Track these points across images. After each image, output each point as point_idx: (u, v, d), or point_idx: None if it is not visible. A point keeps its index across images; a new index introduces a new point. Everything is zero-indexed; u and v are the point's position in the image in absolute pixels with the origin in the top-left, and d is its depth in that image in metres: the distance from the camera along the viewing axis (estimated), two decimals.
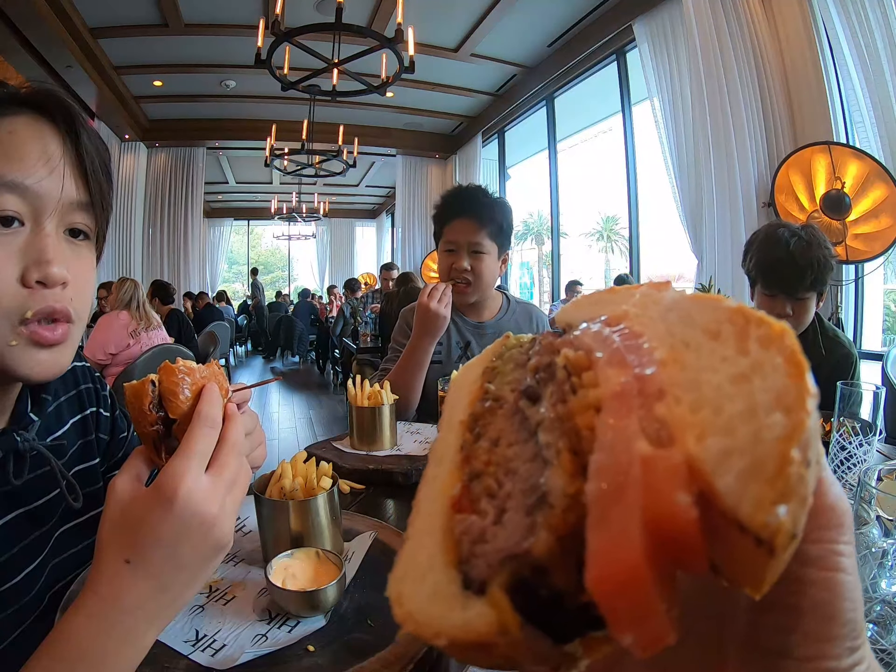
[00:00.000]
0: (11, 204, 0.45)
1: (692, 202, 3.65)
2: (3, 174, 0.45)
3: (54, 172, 0.48)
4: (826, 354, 1.34)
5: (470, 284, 1.38)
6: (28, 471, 0.52)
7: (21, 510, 0.52)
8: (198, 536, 0.37)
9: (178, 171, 7.53)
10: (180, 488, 0.37)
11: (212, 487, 0.38)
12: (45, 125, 0.49)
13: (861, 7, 2.65)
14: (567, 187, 6.78)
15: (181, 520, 0.37)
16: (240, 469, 0.41)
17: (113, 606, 0.36)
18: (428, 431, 1.13)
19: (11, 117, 0.47)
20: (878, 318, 3.24)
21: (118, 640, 0.36)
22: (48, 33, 4.31)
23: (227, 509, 0.39)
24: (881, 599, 0.38)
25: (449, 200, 1.43)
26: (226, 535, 0.39)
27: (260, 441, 0.53)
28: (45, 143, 0.48)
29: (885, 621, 0.38)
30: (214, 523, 0.38)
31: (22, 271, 0.46)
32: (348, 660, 0.45)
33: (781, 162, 2.94)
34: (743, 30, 3.20)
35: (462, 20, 4.81)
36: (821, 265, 1.26)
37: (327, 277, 13.25)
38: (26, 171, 0.46)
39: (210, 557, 0.39)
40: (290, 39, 2.77)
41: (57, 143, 0.49)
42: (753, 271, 1.38)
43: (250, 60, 2.98)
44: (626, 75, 4.72)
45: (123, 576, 0.37)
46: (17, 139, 0.46)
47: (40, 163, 0.47)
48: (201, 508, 0.37)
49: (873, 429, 0.78)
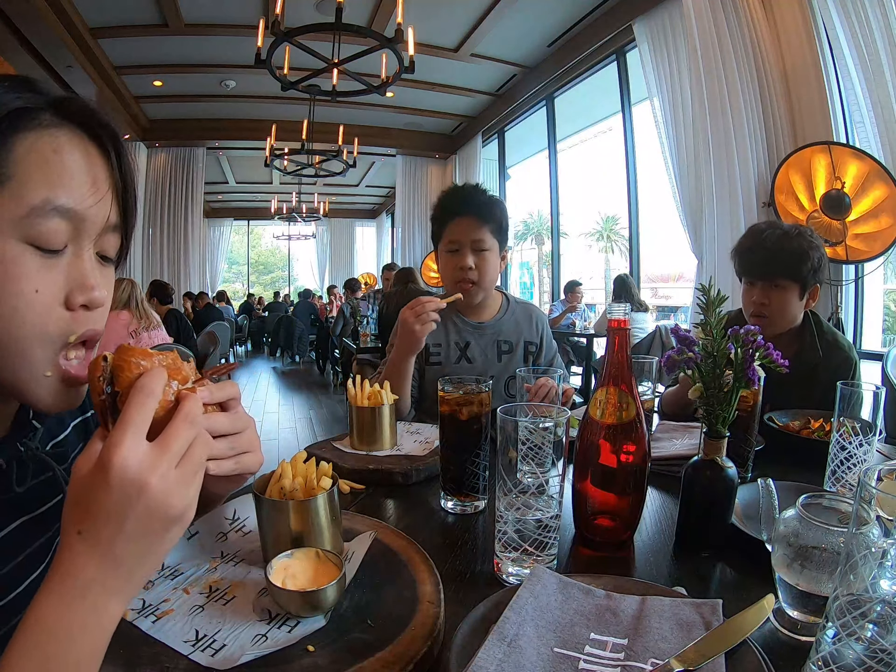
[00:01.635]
0: (62, 229, 0.45)
1: (692, 202, 3.65)
2: (55, 198, 0.44)
3: (101, 198, 0.47)
4: (824, 357, 1.34)
5: (475, 283, 1.38)
6: (31, 477, 0.52)
7: (25, 517, 0.51)
8: (140, 506, 0.37)
9: (178, 171, 7.53)
10: (114, 456, 0.37)
11: (151, 456, 0.38)
12: (89, 145, 0.48)
13: (861, 7, 2.64)
14: (567, 187, 6.79)
15: (119, 489, 0.37)
16: (194, 443, 0.41)
17: (73, 580, 0.37)
18: (428, 431, 1.13)
19: (54, 131, 0.45)
20: (878, 318, 3.24)
21: (82, 614, 0.37)
22: (48, 33, 4.30)
23: (171, 480, 0.39)
24: (881, 599, 0.38)
25: (448, 200, 1.42)
26: (173, 506, 0.39)
27: (250, 448, 0.51)
28: (91, 166, 0.47)
29: (885, 621, 0.38)
30: (155, 493, 0.38)
31: (66, 295, 0.46)
32: (348, 660, 0.45)
33: (781, 162, 2.94)
34: (743, 30, 3.20)
35: (462, 20, 4.81)
36: (797, 255, 1.28)
37: (327, 277, 13.25)
38: (75, 195, 0.45)
39: (159, 530, 0.39)
40: (290, 39, 2.76)
41: (102, 166, 0.48)
42: (734, 263, 1.43)
43: (250, 60, 2.98)
44: (626, 75, 4.72)
45: (77, 549, 0.37)
46: (65, 159, 0.45)
47: (87, 187, 0.46)
48: (139, 477, 0.37)
49: (873, 429, 0.78)
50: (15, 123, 0.43)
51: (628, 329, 0.70)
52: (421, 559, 0.59)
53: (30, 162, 0.44)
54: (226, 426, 0.48)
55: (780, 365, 0.70)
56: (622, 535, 0.72)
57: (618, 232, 20.72)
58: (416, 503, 0.87)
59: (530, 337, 1.51)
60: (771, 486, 0.63)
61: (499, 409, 0.62)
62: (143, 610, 0.51)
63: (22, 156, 0.44)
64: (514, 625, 0.48)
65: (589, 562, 0.70)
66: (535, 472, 0.59)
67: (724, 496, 0.68)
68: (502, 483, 0.60)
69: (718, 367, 0.68)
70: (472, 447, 0.81)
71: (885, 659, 0.37)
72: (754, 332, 0.69)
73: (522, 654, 0.45)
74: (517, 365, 1.46)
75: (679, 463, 0.85)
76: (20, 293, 0.43)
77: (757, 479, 0.66)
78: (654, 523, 0.79)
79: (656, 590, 0.55)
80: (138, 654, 0.45)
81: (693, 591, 0.57)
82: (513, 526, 0.60)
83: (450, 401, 0.81)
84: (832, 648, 0.40)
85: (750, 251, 1.36)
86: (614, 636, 0.49)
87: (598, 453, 0.70)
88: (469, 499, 0.82)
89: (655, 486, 0.90)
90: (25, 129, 0.44)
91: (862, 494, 0.38)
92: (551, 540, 0.61)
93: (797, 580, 0.51)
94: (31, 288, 0.44)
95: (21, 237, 0.43)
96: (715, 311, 0.69)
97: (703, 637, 0.47)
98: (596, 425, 0.70)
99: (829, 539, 0.49)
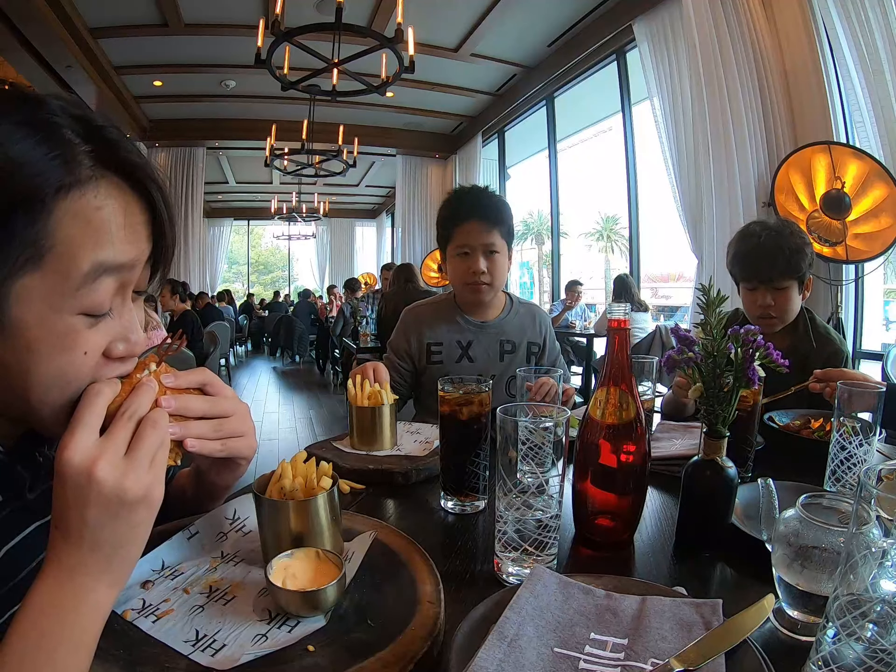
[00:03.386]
0: (111, 289, 0.44)
1: (692, 202, 3.64)
2: (104, 259, 0.42)
3: (142, 251, 0.47)
4: (817, 347, 1.37)
5: (488, 285, 1.39)
6: (42, 482, 0.52)
7: (38, 522, 0.52)
8: (93, 494, 0.39)
9: (178, 171, 7.52)
10: (64, 453, 0.40)
11: (97, 448, 0.41)
12: (129, 194, 0.45)
13: (861, 7, 2.64)
14: (567, 187, 6.80)
15: (71, 480, 0.39)
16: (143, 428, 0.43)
17: (59, 566, 0.40)
18: (428, 431, 1.13)
19: (94, 185, 0.42)
20: (878, 318, 3.24)
21: (72, 595, 0.39)
22: (48, 33, 4.30)
23: (121, 466, 0.41)
24: (881, 599, 0.38)
25: (457, 203, 1.42)
26: (128, 489, 0.40)
27: (239, 432, 0.53)
28: (133, 218, 0.45)
29: (885, 621, 0.38)
30: (103, 478, 0.39)
31: (108, 345, 0.46)
32: (348, 660, 0.45)
33: (781, 162, 2.94)
34: (743, 30, 3.20)
35: (462, 20, 4.81)
36: (792, 252, 1.30)
37: (327, 277, 13.25)
38: (119, 249, 0.43)
39: (123, 513, 0.41)
40: (290, 39, 2.77)
41: (141, 215, 0.46)
42: (733, 269, 1.43)
43: (250, 60, 2.98)
44: (626, 75, 4.72)
45: (56, 539, 0.40)
46: (107, 216, 0.42)
47: (130, 239, 0.44)
48: (84, 467, 0.39)
49: (873, 429, 0.78)
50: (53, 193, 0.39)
51: (628, 329, 0.70)
52: (421, 559, 0.59)
53: (72, 224, 0.40)
54: (202, 407, 0.50)
55: (781, 365, 0.70)
56: (622, 535, 0.72)
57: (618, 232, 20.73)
58: (416, 503, 0.87)
59: (533, 337, 1.51)
60: (771, 486, 0.63)
61: (499, 409, 0.62)
62: (143, 610, 0.51)
63: (62, 218, 0.40)
64: (514, 625, 0.48)
65: (589, 562, 0.70)
66: (535, 472, 0.59)
67: (724, 496, 0.68)
68: (502, 483, 0.60)
69: (718, 367, 0.68)
70: (472, 447, 0.81)
71: (885, 659, 0.37)
72: (754, 331, 0.69)
73: (522, 653, 0.45)
74: (519, 365, 1.46)
75: (679, 463, 0.85)
76: (71, 361, 0.43)
77: (757, 479, 0.66)
78: (654, 523, 0.79)
79: (656, 590, 0.55)
80: (138, 654, 0.45)
81: (693, 591, 0.57)
82: (513, 526, 0.60)
83: (450, 401, 0.81)
84: (832, 648, 0.40)
85: (749, 257, 1.36)
86: (614, 636, 0.48)
87: (598, 453, 0.70)
88: (469, 499, 0.82)
89: (655, 486, 0.90)
90: (63, 189, 0.40)
91: (862, 494, 0.38)
92: (551, 540, 0.61)
93: (797, 580, 0.51)
94: (80, 352, 0.44)
95: (75, 310, 0.42)
96: (715, 311, 0.69)
97: (703, 637, 0.47)
98: (596, 425, 0.70)
99: (829, 539, 0.49)
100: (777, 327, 1.37)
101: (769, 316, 1.35)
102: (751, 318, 1.39)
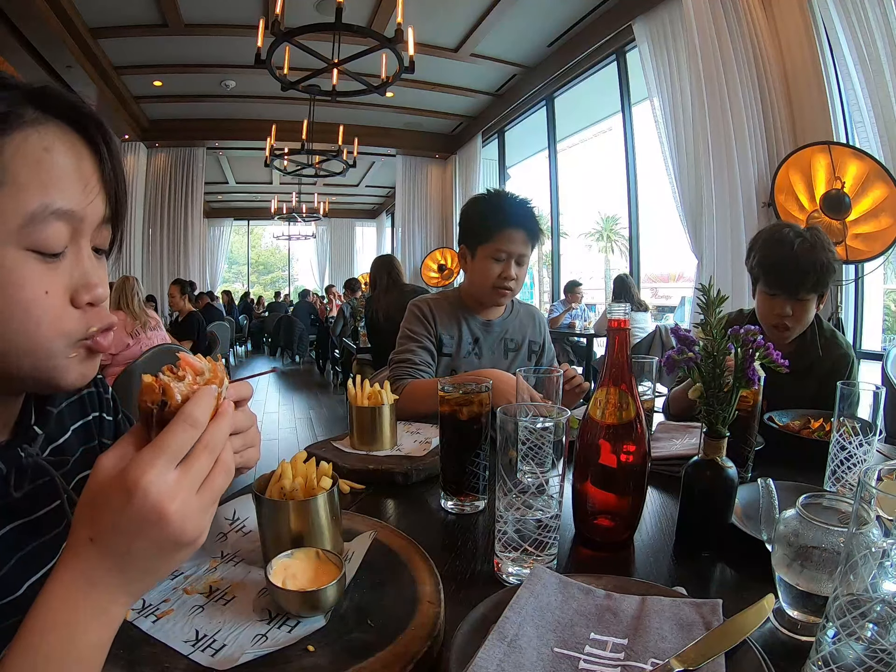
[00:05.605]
0: (62, 233, 0.45)
1: (692, 202, 3.65)
2: (52, 202, 0.43)
3: (94, 196, 0.47)
4: (823, 354, 1.35)
5: (512, 291, 1.43)
6: (28, 482, 0.51)
7: (18, 522, 0.51)
8: (155, 531, 0.37)
9: (178, 171, 7.53)
10: (141, 479, 0.37)
11: (176, 483, 0.38)
12: (77, 141, 0.46)
13: (861, 7, 2.64)
14: (567, 187, 6.80)
15: (139, 512, 0.37)
16: (215, 470, 0.41)
17: (78, 581, 0.37)
18: (428, 431, 1.13)
19: (41, 128, 0.44)
20: (878, 318, 3.24)
21: (86, 613, 0.37)
22: (48, 33, 4.31)
23: (191, 507, 0.39)
24: (881, 599, 0.38)
25: (504, 208, 1.42)
26: (186, 532, 0.38)
27: (253, 442, 0.52)
28: (81, 163, 0.46)
29: (885, 621, 0.38)
30: (172, 520, 0.37)
31: (71, 294, 0.46)
32: (348, 660, 0.45)
33: (781, 162, 2.94)
34: (743, 30, 3.20)
35: (462, 20, 4.81)
36: (824, 268, 1.26)
37: (327, 277, 13.24)
38: (71, 195, 0.45)
39: (169, 552, 0.39)
40: (290, 39, 2.76)
41: (91, 160, 0.47)
42: (756, 269, 1.38)
43: (250, 60, 2.98)
44: (626, 75, 4.72)
45: (86, 553, 0.38)
46: (56, 159, 0.44)
47: (79, 186, 0.46)
48: (160, 504, 0.37)
49: (873, 429, 0.78)
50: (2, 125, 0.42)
51: (628, 329, 0.70)
52: (421, 559, 0.59)
53: (21, 164, 0.42)
54: (245, 424, 0.49)
55: (780, 365, 0.70)
56: (622, 535, 0.72)
57: (618, 232, 20.73)
58: (416, 503, 0.87)
59: (534, 337, 1.55)
60: (771, 486, 0.63)
61: (499, 409, 0.62)
62: (143, 610, 0.51)
63: (11, 158, 0.42)
64: (514, 625, 0.48)
65: (589, 562, 0.70)
66: (535, 472, 0.59)
67: (724, 496, 0.68)
68: (502, 483, 0.60)
69: (718, 367, 0.68)
70: (472, 447, 0.81)
71: (885, 659, 0.37)
72: (754, 331, 0.69)
73: (522, 653, 0.45)
74: (521, 363, 1.50)
75: (679, 463, 0.85)
76: (30, 298, 0.44)
77: (757, 479, 0.66)
78: (654, 523, 0.79)
79: (656, 590, 0.55)
80: (138, 654, 0.45)
81: (693, 591, 0.57)
82: (513, 526, 0.60)
83: (450, 401, 0.81)
84: (832, 648, 0.40)
85: (778, 267, 1.30)
86: (614, 636, 0.48)
87: (598, 453, 0.70)
88: (469, 499, 0.82)
89: (655, 486, 0.90)
90: (12, 129, 0.42)
91: (862, 494, 0.38)
92: (551, 540, 0.61)
93: (797, 580, 0.51)
94: (40, 291, 0.44)
95: (21, 245, 0.43)
96: (715, 311, 0.69)
97: (703, 637, 0.47)
98: (596, 425, 0.70)
99: (829, 539, 0.49)
100: (789, 339, 1.34)
101: (784, 326, 1.31)
102: (764, 325, 1.35)
